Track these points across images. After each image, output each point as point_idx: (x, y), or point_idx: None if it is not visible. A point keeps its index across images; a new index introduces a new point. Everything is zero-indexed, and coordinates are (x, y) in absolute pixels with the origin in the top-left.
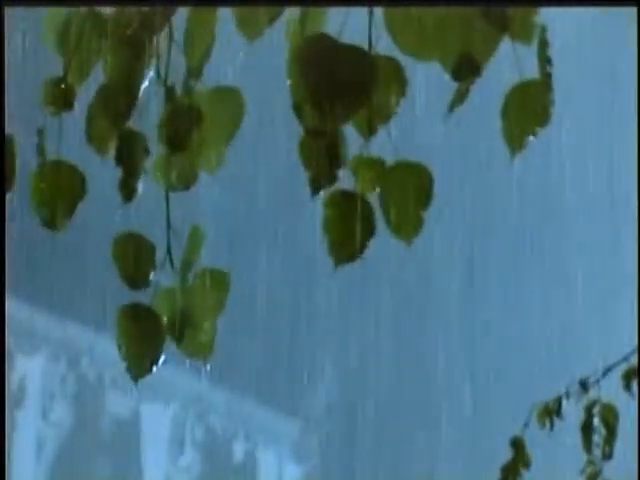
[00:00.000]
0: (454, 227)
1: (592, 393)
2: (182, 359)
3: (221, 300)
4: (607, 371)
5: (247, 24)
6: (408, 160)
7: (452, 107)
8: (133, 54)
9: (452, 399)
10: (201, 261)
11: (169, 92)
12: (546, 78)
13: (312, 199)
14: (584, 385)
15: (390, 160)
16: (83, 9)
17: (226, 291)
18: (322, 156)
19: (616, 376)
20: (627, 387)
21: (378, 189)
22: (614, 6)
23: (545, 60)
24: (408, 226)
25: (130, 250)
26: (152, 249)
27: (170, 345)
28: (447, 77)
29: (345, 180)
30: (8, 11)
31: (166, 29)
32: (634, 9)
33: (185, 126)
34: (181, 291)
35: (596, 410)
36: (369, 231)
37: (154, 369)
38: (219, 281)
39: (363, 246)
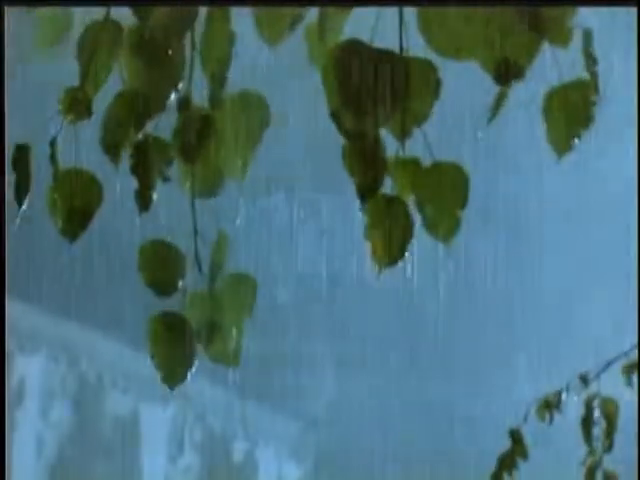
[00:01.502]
0: (488, 228)
1: (592, 387)
2: None
3: (249, 305)
4: (607, 365)
5: (268, 28)
6: (444, 160)
7: (493, 114)
8: (151, 62)
9: (452, 398)
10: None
11: (185, 101)
12: (593, 79)
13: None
14: (584, 379)
15: (426, 162)
16: (99, 16)
17: (253, 296)
18: (366, 161)
19: (616, 370)
20: (627, 382)
21: (415, 191)
22: (614, 6)
23: (591, 60)
24: (445, 226)
25: (158, 258)
26: (181, 256)
27: None
28: (475, 77)
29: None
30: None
31: (187, 36)
32: (634, 9)
33: (197, 135)
34: (210, 297)
35: (596, 404)
36: (409, 234)
37: (189, 376)
38: (246, 286)
39: (405, 249)
